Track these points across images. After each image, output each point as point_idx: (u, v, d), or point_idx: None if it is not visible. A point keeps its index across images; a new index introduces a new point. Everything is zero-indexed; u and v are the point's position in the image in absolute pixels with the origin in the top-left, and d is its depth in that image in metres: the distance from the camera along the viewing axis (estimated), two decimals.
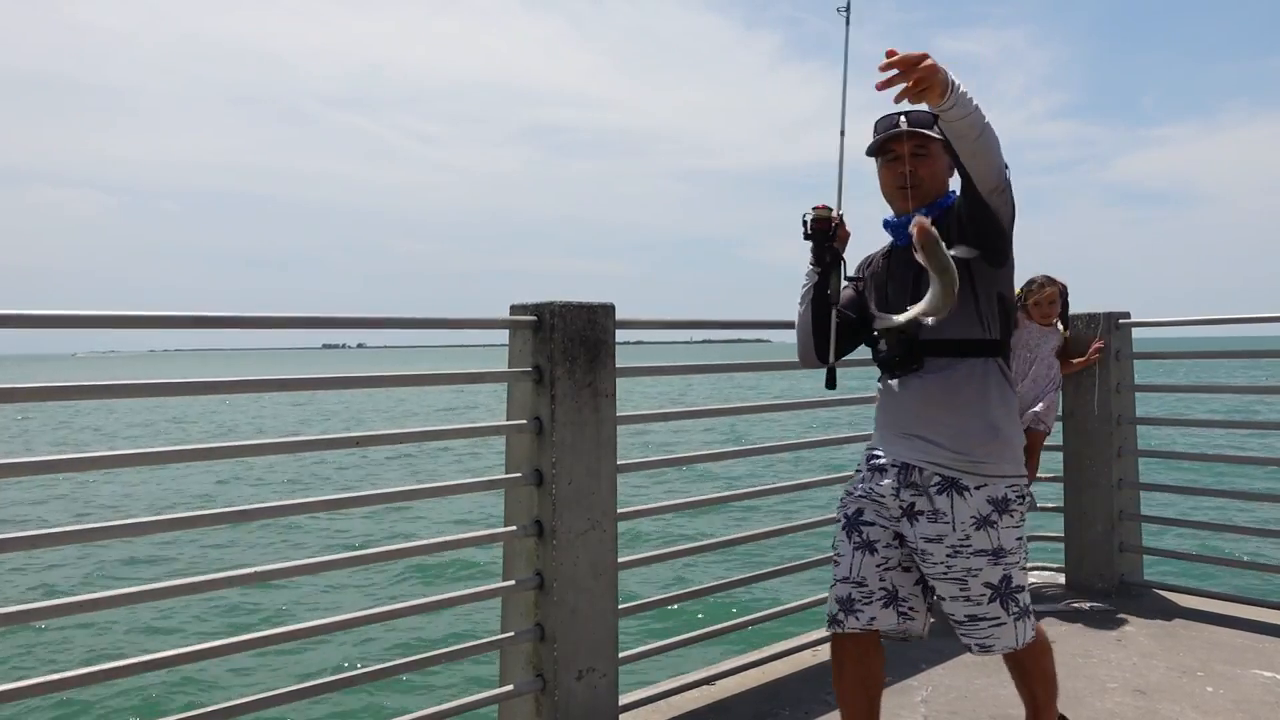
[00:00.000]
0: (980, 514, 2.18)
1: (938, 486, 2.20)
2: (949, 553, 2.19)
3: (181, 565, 10.25)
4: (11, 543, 2.06)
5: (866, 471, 2.36)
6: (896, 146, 2.26)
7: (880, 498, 2.30)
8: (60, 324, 2.07)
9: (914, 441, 2.25)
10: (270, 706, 2.33)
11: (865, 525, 2.31)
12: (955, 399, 2.21)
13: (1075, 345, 4.55)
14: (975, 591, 2.22)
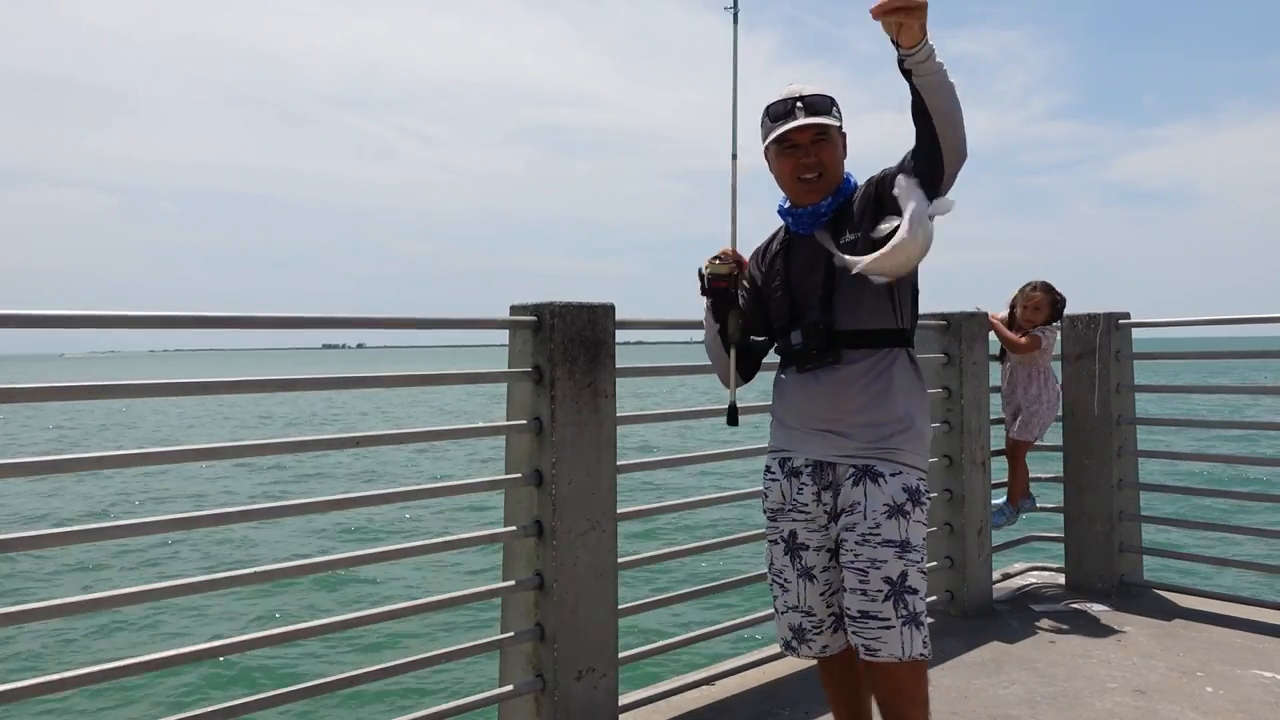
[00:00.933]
0: (894, 501, 2.08)
1: (853, 478, 2.11)
2: (858, 540, 2.08)
3: (181, 565, 10.25)
4: (11, 543, 2.06)
5: (782, 477, 2.25)
6: (795, 135, 2.13)
7: (804, 508, 2.20)
8: (60, 324, 2.08)
9: (827, 438, 2.15)
10: (270, 706, 2.33)
11: (802, 550, 2.21)
12: (870, 391, 2.12)
13: (1075, 344, 4.56)
14: (873, 585, 2.08)
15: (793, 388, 2.24)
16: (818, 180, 2.15)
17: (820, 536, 2.19)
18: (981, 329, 4.25)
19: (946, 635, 3.87)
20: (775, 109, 2.16)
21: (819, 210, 2.17)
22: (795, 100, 2.13)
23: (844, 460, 2.13)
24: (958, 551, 4.13)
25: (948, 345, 4.18)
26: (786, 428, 2.26)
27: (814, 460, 2.17)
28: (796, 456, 2.21)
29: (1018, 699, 3.19)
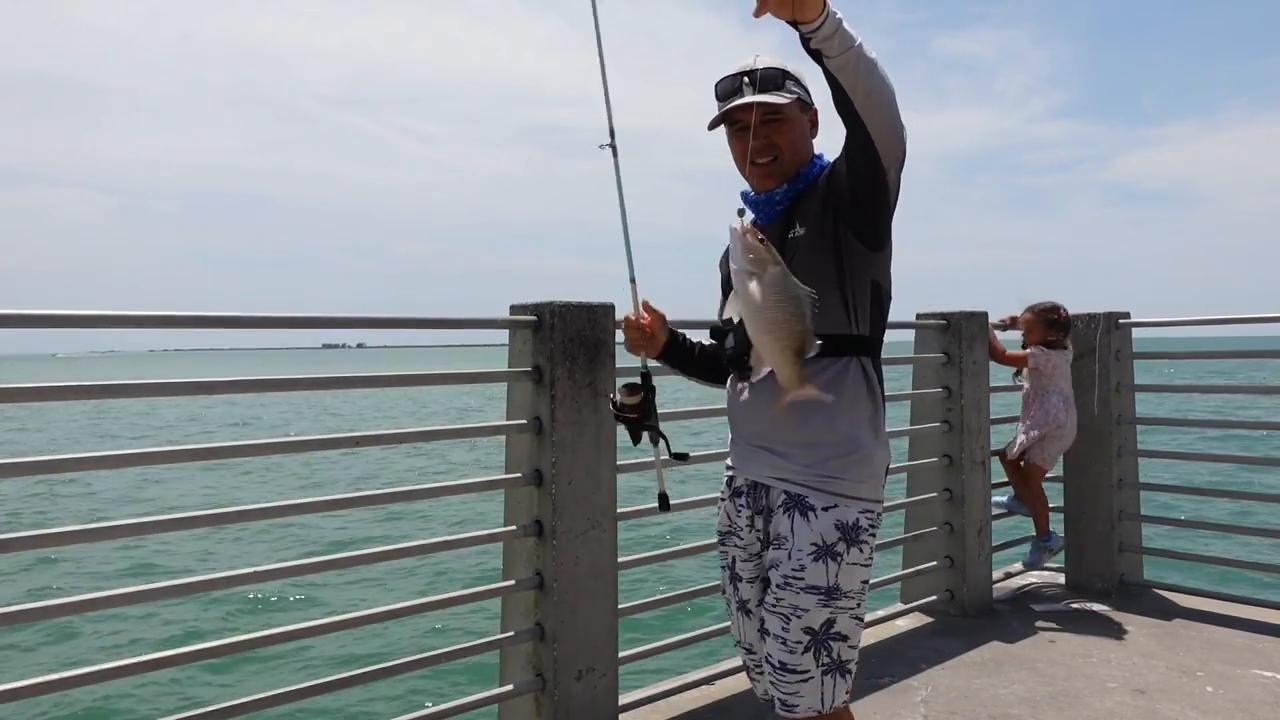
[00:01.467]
0: (824, 541, 1.80)
1: (783, 506, 1.86)
2: (780, 583, 1.83)
3: (181, 565, 10.25)
4: (11, 543, 2.06)
5: (727, 496, 2.05)
6: (743, 115, 1.90)
7: (740, 533, 1.99)
8: (59, 324, 2.07)
9: (763, 455, 1.92)
10: (270, 706, 2.33)
11: (739, 582, 2.01)
12: (809, 405, 1.80)
13: (1075, 344, 4.56)
14: (793, 635, 1.80)
15: (734, 398, 2.02)
16: (772, 164, 1.92)
17: (754, 566, 1.98)
18: (981, 329, 4.25)
19: (946, 635, 3.87)
20: (722, 86, 1.94)
21: (773, 198, 1.95)
22: (743, 75, 1.90)
23: (778, 483, 1.89)
24: (958, 551, 4.13)
25: (948, 345, 4.18)
26: (734, 444, 2.05)
27: (752, 480, 1.96)
28: (738, 475, 2.01)
29: (1018, 698, 3.19)
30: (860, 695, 3.22)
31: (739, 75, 1.90)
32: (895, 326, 4.54)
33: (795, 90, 1.92)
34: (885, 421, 1.97)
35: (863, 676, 3.40)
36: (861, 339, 1.89)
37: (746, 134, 1.89)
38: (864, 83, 1.60)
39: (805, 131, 1.96)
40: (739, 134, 1.93)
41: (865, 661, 3.56)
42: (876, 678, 3.38)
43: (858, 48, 1.57)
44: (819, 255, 1.86)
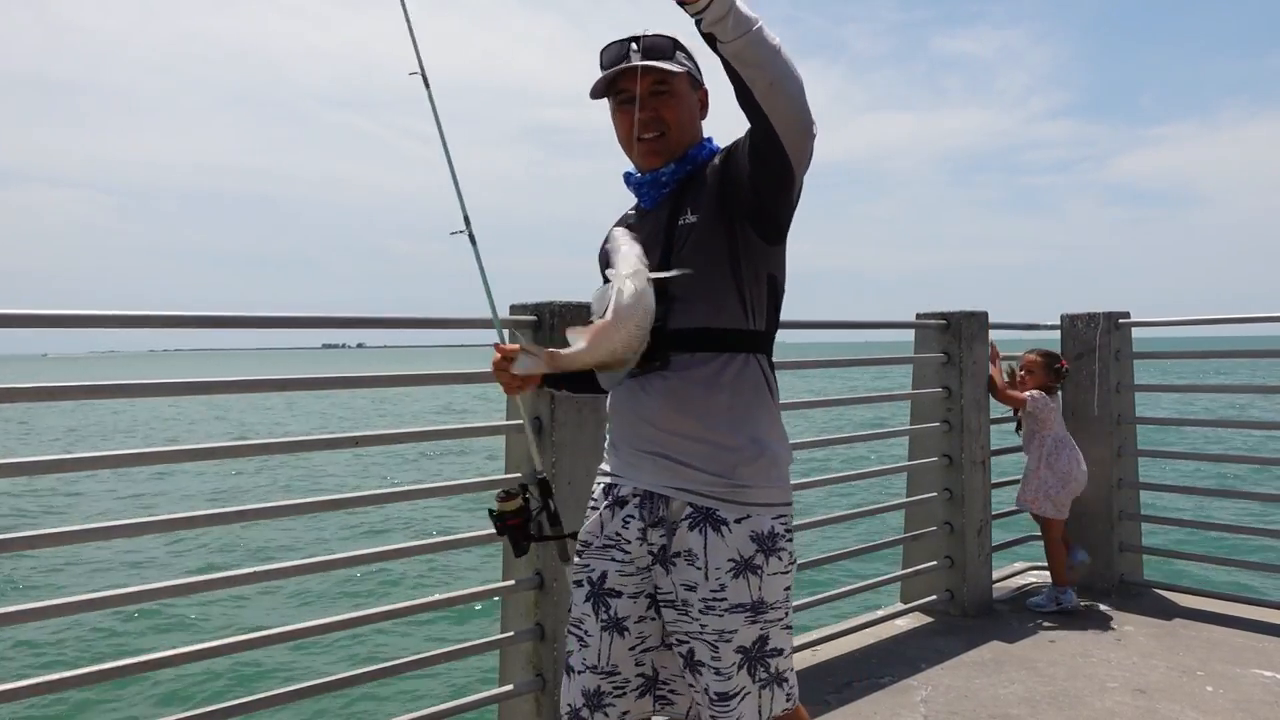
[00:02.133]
0: (741, 556, 1.67)
1: (689, 520, 1.70)
2: (701, 607, 1.68)
3: (181, 565, 10.25)
4: (11, 543, 2.06)
5: (604, 505, 1.82)
6: (628, 84, 1.74)
7: (625, 545, 1.77)
8: (60, 324, 2.07)
9: (659, 463, 1.73)
10: (270, 706, 2.33)
11: (612, 597, 1.77)
12: (709, 406, 1.69)
13: (1075, 344, 4.56)
14: (726, 661, 1.67)
15: (618, 399, 1.82)
16: (659, 140, 1.77)
17: (638, 581, 1.77)
18: (981, 329, 4.25)
19: (946, 635, 3.87)
20: (608, 53, 1.77)
21: (659, 179, 1.80)
22: (630, 42, 1.75)
23: (679, 494, 1.71)
24: (958, 551, 4.13)
25: (948, 345, 4.18)
26: (614, 448, 1.84)
27: (643, 490, 1.75)
28: (623, 483, 1.79)
29: (1018, 698, 3.19)
30: (860, 695, 3.22)
31: (626, 41, 1.76)
32: (895, 326, 4.55)
33: (686, 64, 1.79)
34: None
35: (863, 676, 3.40)
36: (758, 335, 1.76)
37: (632, 106, 1.75)
38: (765, 72, 1.45)
39: (694, 110, 1.83)
40: (624, 105, 1.78)
41: (865, 661, 3.56)
42: (876, 678, 3.38)
43: (755, 31, 1.41)
44: (712, 246, 1.72)
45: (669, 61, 1.75)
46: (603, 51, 1.79)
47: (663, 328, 1.67)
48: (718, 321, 1.71)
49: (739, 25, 1.39)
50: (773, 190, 1.63)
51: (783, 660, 1.73)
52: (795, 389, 42.22)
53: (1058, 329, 4.66)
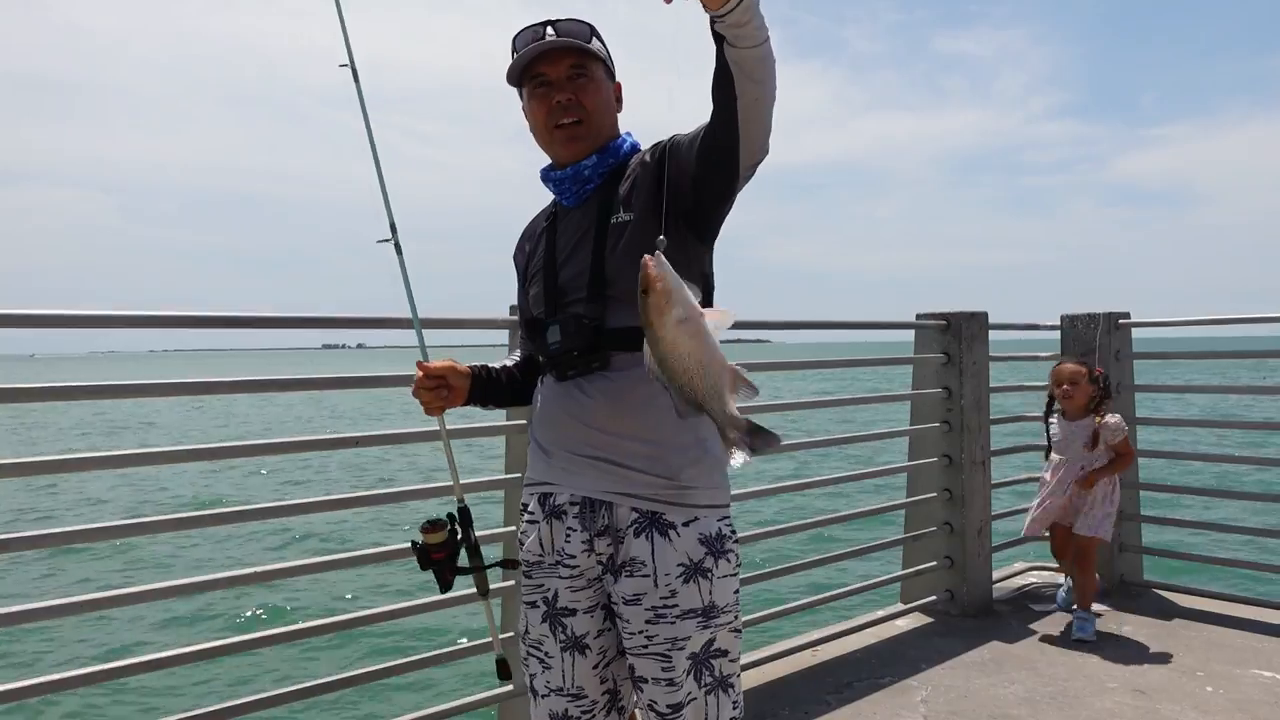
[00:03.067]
0: (690, 560, 1.62)
1: (636, 526, 1.63)
2: (649, 618, 1.61)
3: (181, 565, 10.25)
4: (11, 543, 2.06)
5: (541, 517, 1.73)
6: (547, 69, 1.68)
7: (570, 561, 1.67)
8: (60, 324, 2.07)
9: (600, 468, 1.65)
10: (270, 706, 2.33)
11: (566, 616, 1.70)
12: (651, 408, 1.62)
13: (1075, 344, 4.55)
14: (679, 669, 1.62)
15: (552, 402, 1.72)
16: (578, 127, 1.70)
17: (591, 595, 1.70)
18: (981, 329, 4.25)
19: (946, 635, 3.87)
20: (522, 37, 1.70)
21: (581, 173, 1.72)
22: (544, 25, 1.69)
23: (624, 499, 1.64)
24: (958, 551, 4.13)
25: (948, 345, 4.18)
26: (546, 454, 1.73)
27: (583, 497, 1.67)
28: (560, 491, 1.70)
29: (1018, 699, 3.19)
30: (860, 695, 3.22)
31: (541, 25, 1.70)
32: (895, 326, 4.55)
33: (602, 53, 1.73)
34: None
35: (863, 676, 3.40)
36: None
37: (550, 91, 1.69)
38: (759, 88, 1.43)
39: (611, 99, 1.77)
40: (540, 91, 1.70)
41: (865, 661, 3.56)
42: (876, 678, 3.38)
43: (765, 44, 1.39)
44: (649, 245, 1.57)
45: (588, 42, 1.70)
46: (516, 37, 1.72)
47: (601, 326, 1.64)
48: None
49: (757, 33, 1.37)
50: (716, 196, 1.61)
51: (727, 663, 1.68)
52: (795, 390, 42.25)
53: (1058, 329, 4.66)
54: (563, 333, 1.67)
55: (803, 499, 11.20)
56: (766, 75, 1.42)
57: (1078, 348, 4.51)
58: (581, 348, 1.65)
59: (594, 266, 1.66)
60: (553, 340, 1.69)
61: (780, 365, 3.67)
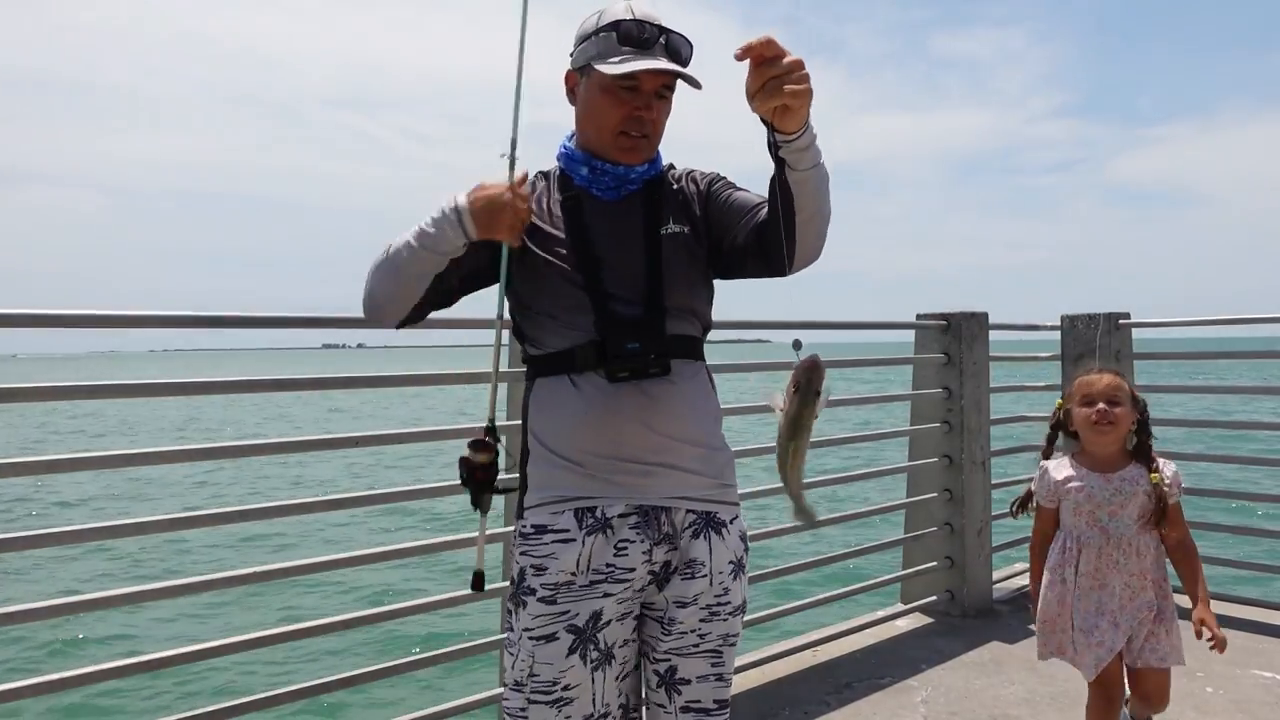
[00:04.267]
0: (736, 556, 1.68)
1: (694, 528, 1.63)
2: (703, 616, 1.63)
3: (181, 565, 10.25)
4: (11, 543, 2.06)
5: (579, 535, 1.58)
6: (646, 80, 1.62)
7: (623, 575, 1.58)
8: (60, 324, 2.07)
9: (662, 474, 1.61)
10: (270, 706, 2.32)
11: (601, 631, 1.58)
12: (700, 411, 1.67)
13: (1075, 345, 4.55)
14: (729, 666, 1.67)
15: (595, 405, 1.60)
16: (642, 141, 1.67)
17: (630, 604, 1.63)
18: (981, 330, 4.25)
19: (946, 635, 3.87)
20: (630, 29, 1.61)
21: (629, 175, 1.71)
22: (659, 30, 1.61)
23: (680, 503, 1.62)
24: (958, 551, 4.13)
25: (948, 345, 4.19)
26: (578, 465, 1.60)
27: (640, 505, 1.60)
28: (608, 503, 1.59)
29: (1018, 699, 3.19)
30: (860, 695, 3.22)
31: (654, 28, 1.61)
32: (895, 327, 4.55)
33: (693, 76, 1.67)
34: None
35: (863, 677, 3.40)
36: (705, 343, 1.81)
37: (634, 98, 1.63)
38: (816, 204, 1.52)
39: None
40: (625, 94, 1.63)
41: (865, 661, 3.56)
42: (876, 678, 3.38)
43: (822, 164, 1.49)
44: (699, 259, 1.74)
45: (686, 69, 1.65)
46: (621, 24, 1.61)
47: (663, 333, 1.64)
48: (696, 330, 1.73)
49: (814, 156, 1.48)
50: (752, 273, 1.72)
51: None
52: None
53: (1058, 330, 4.66)
54: (639, 336, 1.62)
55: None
56: (823, 194, 1.53)
57: (1077, 348, 4.51)
58: (658, 351, 1.62)
59: (651, 274, 1.65)
60: (632, 345, 1.62)
61: (780, 365, 3.67)
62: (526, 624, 1.58)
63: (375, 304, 1.69)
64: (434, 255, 1.59)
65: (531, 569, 1.59)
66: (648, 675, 1.69)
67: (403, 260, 1.61)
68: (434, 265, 1.61)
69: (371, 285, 1.68)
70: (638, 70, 1.58)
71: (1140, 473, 2.42)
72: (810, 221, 1.54)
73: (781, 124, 1.40)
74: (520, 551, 1.63)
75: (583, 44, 1.67)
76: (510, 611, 1.64)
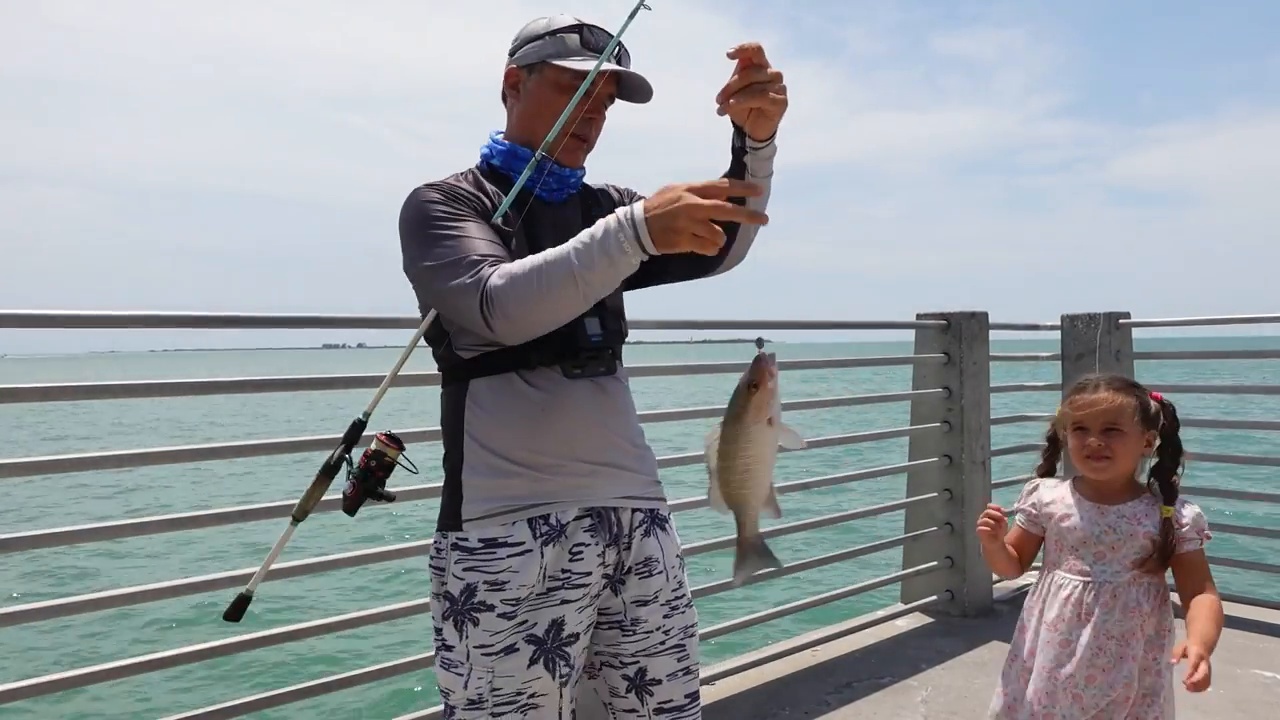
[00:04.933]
0: (678, 549, 1.73)
1: (644, 527, 1.63)
2: (665, 613, 1.64)
3: (181, 565, 10.25)
4: (11, 543, 2.06)
5: (535, 544, 1.50)
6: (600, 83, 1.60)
7: (579, 580, 1.53)
8: (60, 324, 2.07)
9: (610, 474, 1.59)
10: (270, 706, 2.32)
11: (571, 644, 1.54)
12: (632, 411, 1.70)
13: (1075, 345, 4.54)
14: (693, 657, 1.71)
15: (551, 403, 1.55)
16: (582, 143, 1.67)
17: (591, 613, 1.59)
18: (981, 329, 4.25)
19: (946, 635, 3.87)
20: (590, 36, 1.63)
21: (571, 178, 1.69)
22: (619, 44, 1.63)
23: (626, 502, 1.61)
24: (958, 551, 4.13)
25: (948, 345, 4.19)
26: (530, 469, 1.53)
27: (593, 508, 1.56)
28: (561, 509, 1.53)
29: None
30: (860, 695, 3.22)
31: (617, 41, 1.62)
32: (895, 326, 4.55)
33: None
34: None
35: (863, 676, 3.40)
36: None
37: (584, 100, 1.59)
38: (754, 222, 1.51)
39: None
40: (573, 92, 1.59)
41: (865, 661, 3.56)
42: (876, 678, 3.38)
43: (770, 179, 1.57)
44: None
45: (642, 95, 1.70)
46: (585, 27, 1.63)
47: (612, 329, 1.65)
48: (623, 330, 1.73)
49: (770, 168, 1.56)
50: (675, 274, 1.75)
51: None
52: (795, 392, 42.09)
53: (1058, 329, 4.66)
54: (604, 327, 1.62)
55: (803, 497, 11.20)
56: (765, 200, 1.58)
57: (1078, 348, 4.50)
58: (614, 345, 1.66)
59: None
60: (593, 332, 1.60)
61: (781, 366, 3.66)
62: (481, 640, 1.50)
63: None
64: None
65: (485, 585, 1.50)
66: (614, 682, 1.64)
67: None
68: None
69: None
70: (607, 70, 1.59)
71: (1149, 508, 1.93)
72: (747, 234, 1.64)
73: (754, 130, 1.48)
74: (465, 567, 1.51)
75: (532, 43, 1.65)
76: (440, 630, 1.55)
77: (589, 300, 1.43)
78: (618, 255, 1.35)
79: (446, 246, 1.51)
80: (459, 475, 1.56)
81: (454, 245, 1.50)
